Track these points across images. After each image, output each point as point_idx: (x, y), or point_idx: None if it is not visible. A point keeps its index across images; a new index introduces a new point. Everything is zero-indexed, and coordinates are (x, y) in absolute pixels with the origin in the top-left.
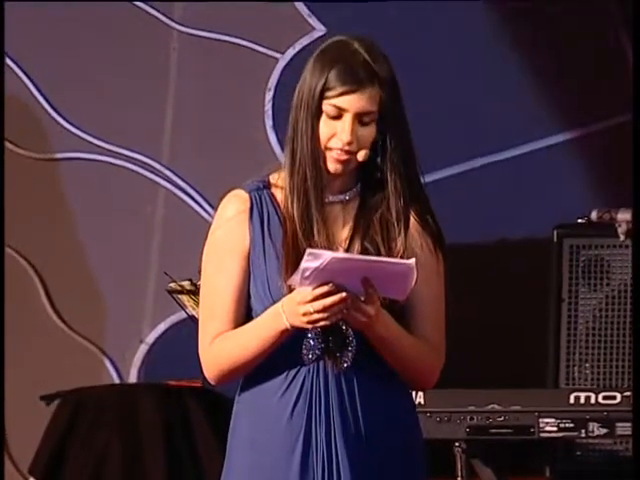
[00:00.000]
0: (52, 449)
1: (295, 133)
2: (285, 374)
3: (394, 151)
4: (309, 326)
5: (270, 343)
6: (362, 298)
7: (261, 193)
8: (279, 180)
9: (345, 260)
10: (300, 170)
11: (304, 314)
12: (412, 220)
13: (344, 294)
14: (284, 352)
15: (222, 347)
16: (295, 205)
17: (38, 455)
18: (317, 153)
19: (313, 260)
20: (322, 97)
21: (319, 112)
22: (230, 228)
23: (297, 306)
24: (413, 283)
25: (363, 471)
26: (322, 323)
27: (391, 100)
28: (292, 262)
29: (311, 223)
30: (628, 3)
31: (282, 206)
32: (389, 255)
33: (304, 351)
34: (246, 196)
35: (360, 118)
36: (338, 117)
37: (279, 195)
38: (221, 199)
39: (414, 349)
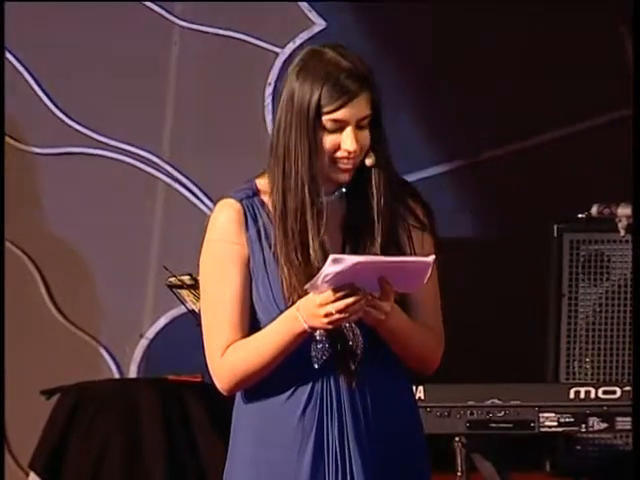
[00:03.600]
0: (52, 444)
1: (288, 153)
2: (293, 375)
3: (381, 149)
4: (330, 326)
5: (286, 347)
6: (376, 294)
7: (252, 201)
8: (267, 185)
9: (368, 262)
10: (297, 190)
11: (326, 315)
12: (404, 212)
13: (363, 293)
14: (291, 355)
15: (237, 356)
16: (291, 223)
17: (38, 450)
18: (314, 171)
19: (336, 265)
20: (318, 115)
21: (316, 131)
22: (227, 238)
23: (318, 308)
24: (427, 278)
25: (375, 469)
26: (343, 322)
27: (378, 99)
28: (294, 280)
29: (307, 238)
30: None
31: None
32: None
33: (312, 353)
34: (238, 205)
35: (358, 123)
36: (338, 129)
37: (269, 201)
38: (218, 201)
39: (421, 338)
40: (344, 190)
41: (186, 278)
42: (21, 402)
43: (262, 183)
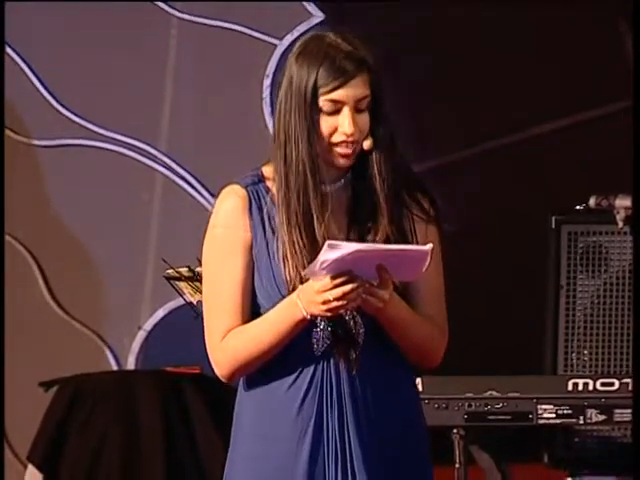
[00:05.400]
0: (50, 436)
1: (289, 137)
2: (294, 365)
3: (383, 134)
4: (328, 314)
5: (286, 334)
6: (375, 283)
7: (257, 187)
8: (272, 172)
9: (365, 250)
10: (298, 173)
11: (324, 302)
12: (410, 202)
13: (361, 281)
14: (292, 343)
15: (236, 342)
16: (294, 206)
17: (37, 442)
18: (314, 153)
19: (332, 251)
20: (315, 96)
21: (313, 113)
22: (231, 224)
23: (316, 295)
24: (426, 266)
25: (376, 458)
26: (341, 310)
27: (379, 81)
28: (297, 263)
29: (311, 219)
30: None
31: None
32: (382, 242)
33: (313, 340)
34: (243, 191)
35: (357, 105)
36: (336, 112)
37: (274, 188)
38: (220, 190)
39: (422, 329)
40: (349, 176)
41: (184, 270)
42: (19, 394)
43: (268, 170)
